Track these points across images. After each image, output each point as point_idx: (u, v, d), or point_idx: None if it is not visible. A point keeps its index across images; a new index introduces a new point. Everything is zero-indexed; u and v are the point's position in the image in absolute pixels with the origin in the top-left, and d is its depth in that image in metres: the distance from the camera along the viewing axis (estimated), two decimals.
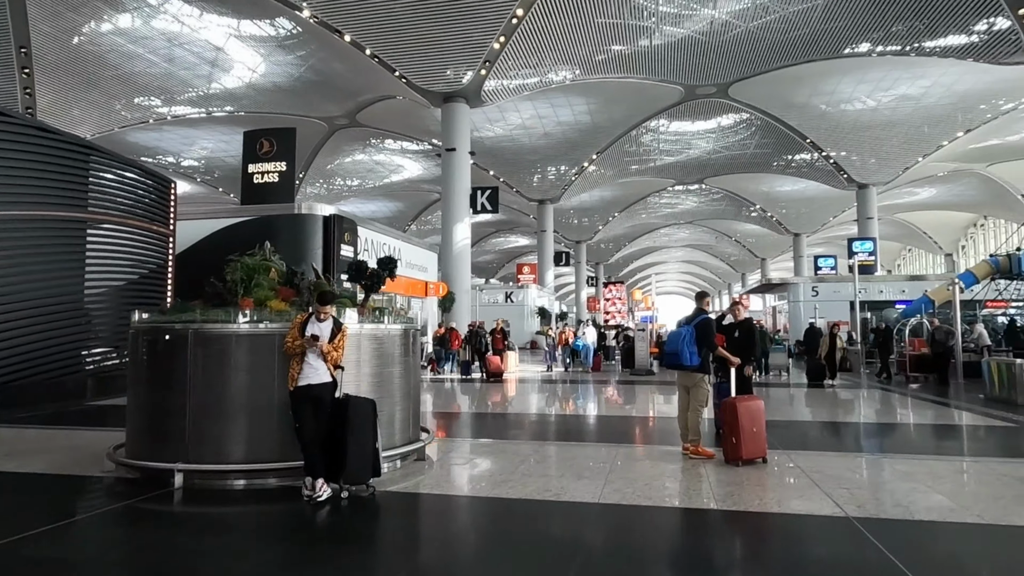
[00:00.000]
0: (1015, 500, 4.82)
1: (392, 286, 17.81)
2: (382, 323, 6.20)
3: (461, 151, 24.80)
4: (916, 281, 28.63)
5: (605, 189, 41.87)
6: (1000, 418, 9.26)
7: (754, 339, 7.16)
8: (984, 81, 27.26)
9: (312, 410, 4.92)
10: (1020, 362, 10.52)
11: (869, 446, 7.77)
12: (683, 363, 6.21)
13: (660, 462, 6.15)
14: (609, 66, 26.82)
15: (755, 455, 5.94)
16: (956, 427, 9.27)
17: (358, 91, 28.90)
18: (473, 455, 7.00)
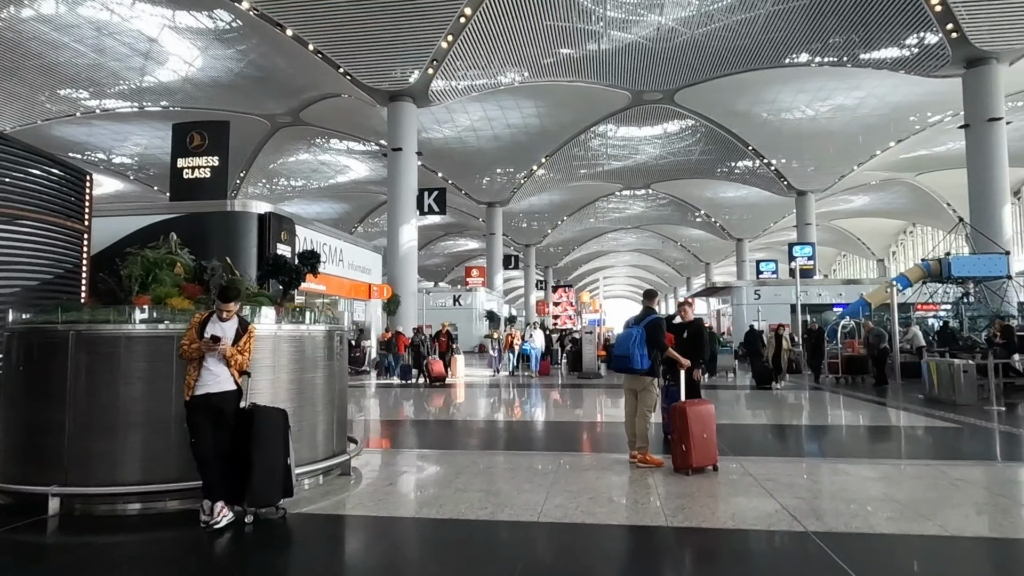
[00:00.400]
0: (974, 509, 4.54)
1: (334, 287, 17.01)
2: (303, 323, 5.56)
3: (408, 151, 24.09)
4: (852, 285, 29.36)
5: (554, 193, 41.73)
6: (941, 418, 9.21)
7: (704, 340, 6.82)
8: (915, 94, 28.19)
9: (211, 423, 4.24)
10: (958, 363, 10.58)
11: (820, 450, 7.52)
12: (633, 366, 5.76)
13: (606, 472, 5.69)
14: (558, 69, 26.59)
15: (706, 463, 5.55)
16: (902, 429, 9.16)
17: (301, 88, 27.85)
18: (405, 467, 6.40)
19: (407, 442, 8.42)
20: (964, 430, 8.38)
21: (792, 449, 7.77)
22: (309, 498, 4.93)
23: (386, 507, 4.82)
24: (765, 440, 8.34)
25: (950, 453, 7.14)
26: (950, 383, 10.61)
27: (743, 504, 4.61)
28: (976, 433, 8.23)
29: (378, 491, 5.25)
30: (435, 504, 4.77)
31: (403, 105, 24.24)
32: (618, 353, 5.93)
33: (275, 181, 39.00)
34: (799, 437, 8.66)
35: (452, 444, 8.04)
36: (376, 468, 6.18)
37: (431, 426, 9.94)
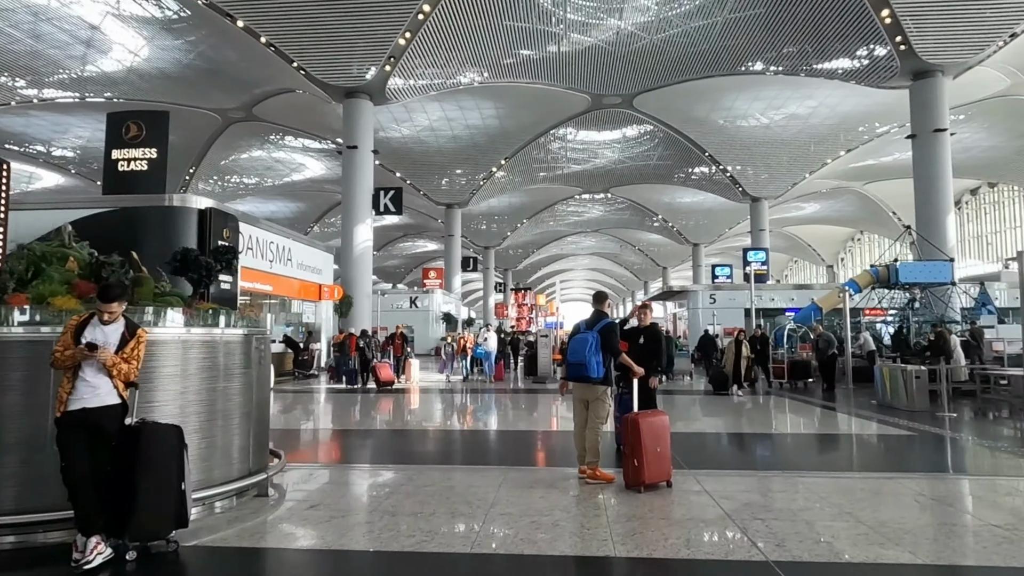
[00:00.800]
0: (943, 531, 4.19)
1: (282, 288, 16.15)
2: (216, 326, 4.91)
3: (363, 149, 23.30)
4: (803, 290, 29.65)
5: (514, 195, 41.29)
6: (895, 425, 9.03)
7: (661, 346, 6.41)
8: (864, 104, 28.69)
9: (87, 443, 3.57)
10: (910, 369, 10.44)
11: (778, 462, 7.14)
12: (589, 375, 5.31)
13: (553, 490, 5.18)
14: (517, 70, 26.17)
15: (659, 479, 5.12)
16: (859, 437, 8.93)
17: (254, 83, 26.76)
18: (332, 486, 5.79)
19: (340, 455, 7.74)
20: (919, 438, 8.18)
21: (748, 461, 7.39)
22: (212, 526, 4.29)
23: (297, 536, 4.20)
24: (721, 451, 7.95)
25: (909, 464, 6.85)
26: (902, 389, 10.47)
27: (699, 528, 4.17)
28: (931, 442, 8.03)
29: (294, 516, 4.63)
30: (357, 530, 4.19)
31: (359, 102, 23.45)
32: (572, 360, 5.42)
33: (227, 178, 37.56)
34: (755, 447, 8.29)
35: (388, 457, 7.44)
36: (299, 487, 5.54)
37: (370, 437, 9.19)
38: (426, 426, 10.27)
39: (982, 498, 4.99)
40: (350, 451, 8.06)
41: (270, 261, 13.96)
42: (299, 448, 7.90)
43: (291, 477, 5.75)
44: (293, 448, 7.77)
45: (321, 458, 7.39)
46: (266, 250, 13.81)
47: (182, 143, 32.57)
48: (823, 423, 10.24)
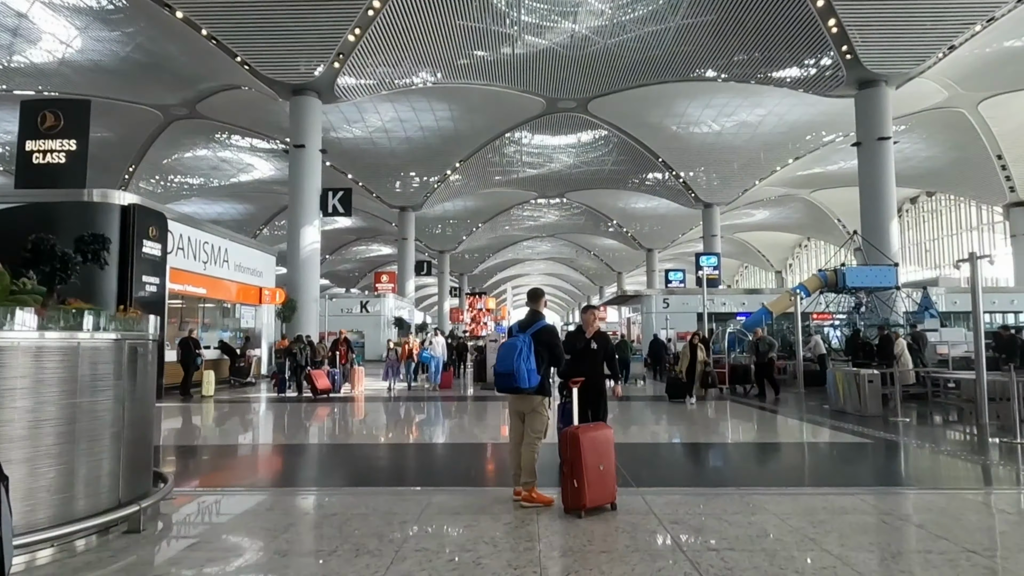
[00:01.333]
0: (917, 560, 3.67)
1: (218, 290, 14.99)
2: (79, 330, 4.08)
3: (311, 148, 22.29)
4: (754, 295, 29.83)
5: (469, 199, 40.61)
6: (851, 432, 8.67)
7: (611, 354, 5.85)
8: (810, 114, 29.05)
9: None
10: (864, 373, 10.13)
11: (731, 477, 6.54)
12: (520, 385, 4.63)
13: (482, 516, 4.48)
14: (471, 72, 25.54)
15: (602, 500, 4.49)
16: (814, 446, 8.51)
17: (197, 78, 25.41)
18: (223, 517, 4.95)
19: (243, 477, 6.75)
20: (874, 446, 7.81)
21: (700, 476, 6.79)
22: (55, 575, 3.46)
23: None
24: (671, 464, 7.40)
25: (869, 477, 6.39)
26: (855, 394, 10.17)
27: (645, 563, 3.54)
28: (887, 450, 7.68)
29: (165, 557, 3.81)
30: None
31: (307, 100, 22.45)
32: (501, 370, 4.72)
33: (170, 178, 35.79)
34: (707, 460, 7.73)
35: (300, 479, 6.62)
36: (184, 518, 4.72)
37: (284, 454, 8.14)
38: (352, 441, 9.29)
39: (952, 516, 4.51)
40: (256, 472, 7.10)
41: (204, 262, 12.94)
42: (198, 469, 6.94)
43: (179, 506, 4.91)
44: (190, 469, 6.90)
45: (220, 481, 6.38)
46: (199, 251, 12.75)
47: (120, 140, 30.90)
48: (776, 431, 9.81)
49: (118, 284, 11.46)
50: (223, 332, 15.47)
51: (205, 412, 11.76)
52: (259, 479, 6.61)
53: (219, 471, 6.93)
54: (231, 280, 14.51)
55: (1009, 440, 7.73)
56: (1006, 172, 32.73)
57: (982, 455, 7.23)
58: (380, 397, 14.34)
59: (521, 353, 4.64)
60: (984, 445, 7.79)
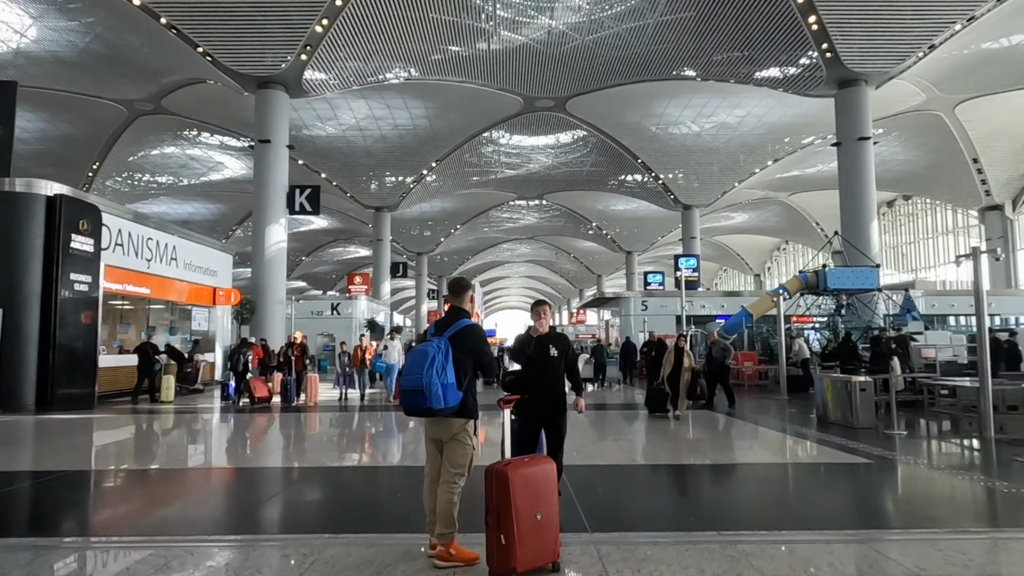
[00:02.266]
0: None
1: (164, 290, 13.75)
2: None
3: (277, 143, 21.28)
4: (733, 297, 29.31)
5: (446, 200, 39.71)
6: (844, 448, 7.79)
7: (572, 361, 4.87)
8: (789, 115, 28.66)
9: None
10: (857, 380, 9.25)
11: (712, 514, 5.17)
12: (432, 405, 3.53)
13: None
14: (447, 68, 24.69)
15: (539, 561, 3.42)
16: (807, 469, 7.45)
17: (160, 71, 24.27)
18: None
19: (102, 518, 5.20)
20: (875, 468, 6.84)
21: (673, 514, 5.25)
22: None
23: None
24: (638, 496, 5.91)
25: (878, 512, 5.29)
26: (845, 402, 9.37)
27: None
28: (890, 472, 6.75)
29: None
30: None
31: (273, 93, 21.43)
32: (407, 385, 3.61)
33: (136, 176, 34.43)
34: (684, 490, 6.39)
35: (177, 519, 5.11)
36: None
37: (171, 481, 6.57)
38: (249, 464, 7.65)
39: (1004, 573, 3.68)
40: (117, 507, 5.56)
41: (148, 260, 11.91)
42: (60, 507, 5.40)
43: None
44: (49, 508, 5.40)
45: (75, 526, 4.95)
46: (142, 247, 11.70)
47: (83, 136, 29.61)
48: (759, 448, 8.57)
49: (42, 283, 10.41)
50: (170, 335, 14.39)
51: (112, 423, 10.55)
52: (127, 519, 5.04)
53: (59, 511, 5.35)
54: (181, 280, 13.43)
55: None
56: (982, 176, 32.67)
57: (1005, 480, 6.11)
58: (326, 408, 12.72)
59: (434, 362, 3.55)
60: (1003, 466, 6.82)
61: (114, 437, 9.79)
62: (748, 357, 15.28)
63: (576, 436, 7.24)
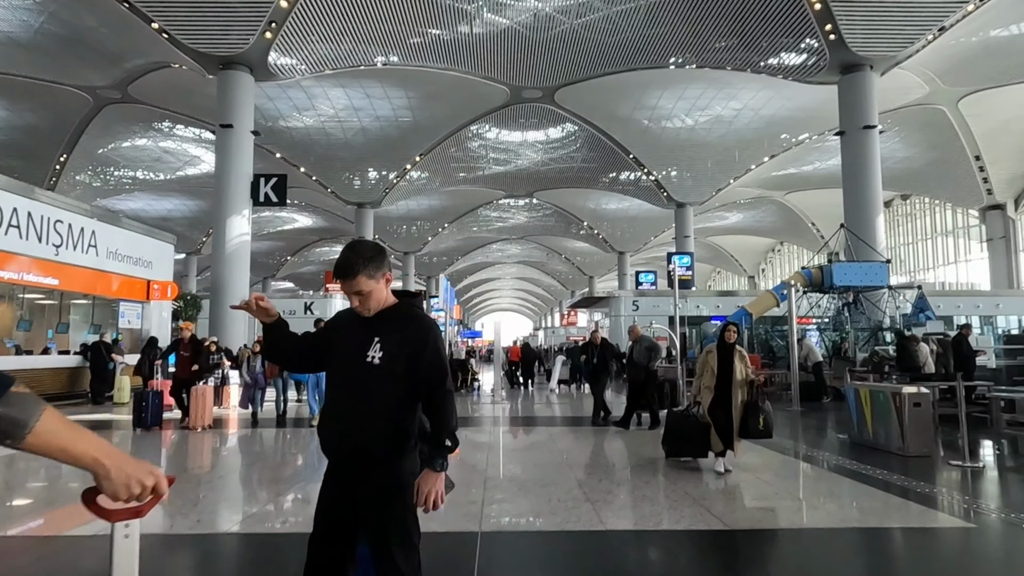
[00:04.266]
0: None
1: (77, 282, 11.60)
2: None
3: (240, 129, 19.45)
4: (728, 296, 27.62)
5: (433, 197, 37.88)
6: (900, 491, 5.43)
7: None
8: (787, 108, 27.01)
9: None
10: (906, 391, 6.88)
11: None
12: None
13: None
14: (427, 53, 22.91)
15: None
16: (870, 547, 4.31)
17: (122, 54, 22.41)
18: None
19: None
20: (979, 539, 4.33)
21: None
22: None
23: None
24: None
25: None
26: (892, 421, 7.13)
27: None
28: (988, 551, 4.17)
29: None
30: None
31: (236, 75, 19.62)
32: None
33: (109, 170, 32.53)
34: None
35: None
36: None
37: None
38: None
39: None
40: None
41: (56, 246, 10.10)
42: None
43: None
44: None
45: None
46: (47, 231, 9.86)
47: (48, 126, 27.74)
48: (788, 499, 5.67)
49: None
50: (88, 333, 12.52)
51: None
52: None
53: None
54: (102, 270, 11.57)
55: None
56: (984, 174, 31.09)
57: None
58: (220, 429, 9.58)
59: None
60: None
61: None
62: (751, 361, 13.44)
63: (547, 503, 5.16)
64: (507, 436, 9.34)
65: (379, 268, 2.20)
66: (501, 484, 5.90)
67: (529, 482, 6.00)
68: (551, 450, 8.12)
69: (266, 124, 28.08)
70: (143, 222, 41.31)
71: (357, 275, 2.15)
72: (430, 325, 2.22)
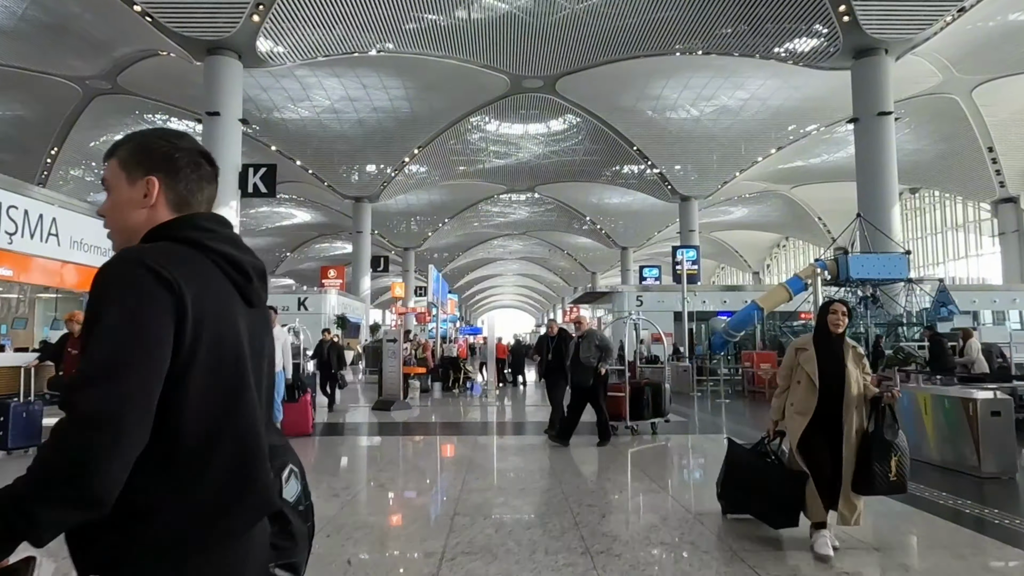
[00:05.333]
0: None
1: (35, 273, 10.50)
2: None
3: (228, 116, 18.49)
4: (735, 291, 26.56)
5: (433, 192, 36.88)
6: (987, 526, 4.39)
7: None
8: (795, 98, 25.99)
9: None
10: (981, 397, 5.68)
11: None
12: None
13: None
14: (424, 40, 21.91)
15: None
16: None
17: (109, 42, 21.48)
18: None
19: None
20: None
21: None
22: None
23: None
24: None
25: None
26: (960, 432, 5.86)
27: None
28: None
29: None
30: None
31: (223, 60, 18.65)
32: None
33: (102, 164, 31.61)
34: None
35: None
36: None
37: None
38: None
39: None
40: None
41: (9, 234, 9.17)
42: None
43: None
44: None
45: None
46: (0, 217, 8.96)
47: (38, 118, 26.84)
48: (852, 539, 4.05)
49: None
50: (48, 329, 11.58)
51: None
52: None
53: None
54: (64, 260, 10.61)
55: None
56: (996, 166, 29.99)
57: None
58: None
59: None
60: None
61: None
62: (765, 358, 12.33)
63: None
64: (474, 449, 7.94)
65: (135, 160, 1.24)
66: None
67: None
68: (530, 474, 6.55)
69: (260, 115, 27.14)
70: None
71: (108, 158, 1.27)
72: (100, 276, 1.08)
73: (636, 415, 8.31)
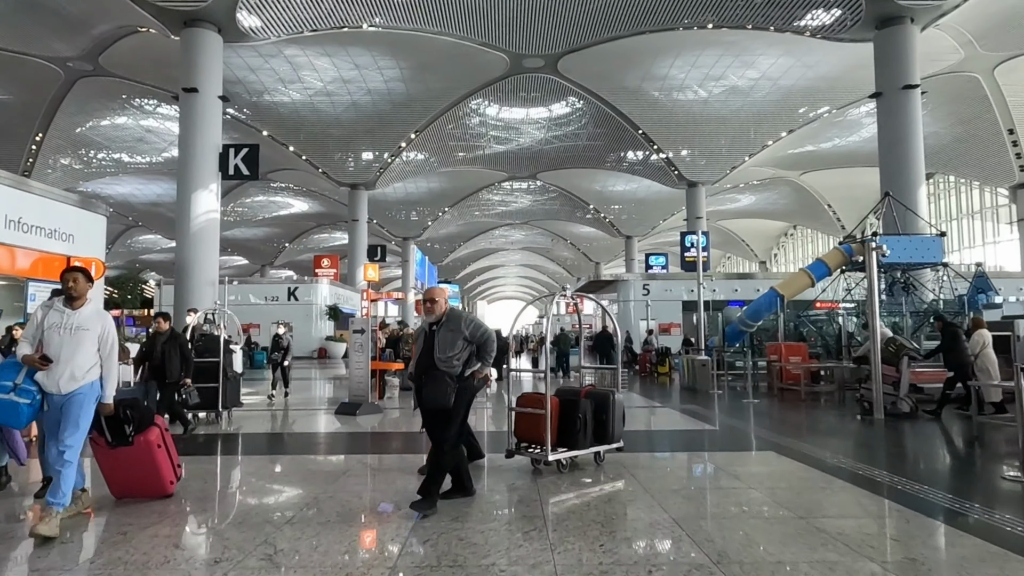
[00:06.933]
0: None
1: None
2: None
3: (207, 93, 17.05)
4: (747, 279, 25.10)
5: (432, 179, 35.40)
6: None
7: None
8: (807, 78, 24.42)
9: None
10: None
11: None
12: None
13: None
14: (418, 14, 20.36)
15: None
16: None
17: (85, 18, 20.03)
18: None
19: None
20: None
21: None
22: None
23: None
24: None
25: None
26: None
27: None
28: None
29: None
30: None
31: (201, 32, 17.18)
32: None
33: (90, 151, 30.28)
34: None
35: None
36: None
37: None
38: None
39: None
40: None
41: None
42: None
43: None
44: None
45: None
46: None
47: (19, 103, 25.47)
48: None
49: None
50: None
51: None
52: None
53: None
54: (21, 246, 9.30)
55: None
56: (1017, 148, 28.39)
57: None
58: None
59: None
60: None
61: None
62: (794, 350, 10.68)
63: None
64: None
65: None
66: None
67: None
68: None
69: (250, 99, 25.73)
70: (132, 208, 39.33)
71: None
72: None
73: (566, 441, 5.21)
